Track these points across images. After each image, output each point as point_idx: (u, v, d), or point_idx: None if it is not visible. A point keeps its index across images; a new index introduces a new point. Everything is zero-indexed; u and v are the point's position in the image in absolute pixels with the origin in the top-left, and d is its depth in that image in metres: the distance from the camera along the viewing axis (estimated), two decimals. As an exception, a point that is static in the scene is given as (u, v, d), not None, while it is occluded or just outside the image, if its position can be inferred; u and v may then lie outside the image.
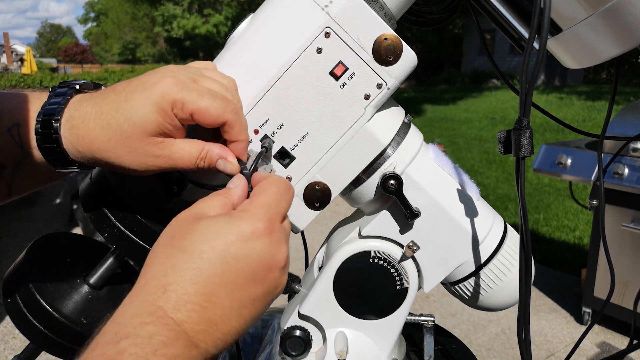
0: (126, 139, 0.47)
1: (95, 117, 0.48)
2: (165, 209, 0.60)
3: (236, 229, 0.41)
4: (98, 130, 0.48)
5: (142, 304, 0.39)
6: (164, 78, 0.48)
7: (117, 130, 0.47)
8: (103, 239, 0.56)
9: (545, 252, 3.90)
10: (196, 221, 0.42)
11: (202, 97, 0.47)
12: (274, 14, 0.55)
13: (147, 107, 0.46)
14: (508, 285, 0.65)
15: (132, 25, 38.98)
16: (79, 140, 0.48)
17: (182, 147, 0.49)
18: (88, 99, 0.50)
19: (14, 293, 0.55)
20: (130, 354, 0.35)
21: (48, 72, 19.17)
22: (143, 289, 0.40)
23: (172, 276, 0.40)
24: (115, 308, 0.62)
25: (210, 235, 0.41)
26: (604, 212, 2.40)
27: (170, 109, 0.47)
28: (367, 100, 0.56)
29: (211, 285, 0.40)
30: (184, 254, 0.41)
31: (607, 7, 0.50)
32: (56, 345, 0.54)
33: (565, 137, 7.63)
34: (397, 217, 0.62)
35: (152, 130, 0.47)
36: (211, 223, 0.42)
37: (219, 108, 0.47)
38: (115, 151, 0.48)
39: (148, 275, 0.41)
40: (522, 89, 0.46)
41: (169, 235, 0.43)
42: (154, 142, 0.48)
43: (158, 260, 0.41)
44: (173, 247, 0.42)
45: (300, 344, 0.64)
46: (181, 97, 0.47)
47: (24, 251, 0.57)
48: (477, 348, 2.72)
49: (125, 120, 0.47)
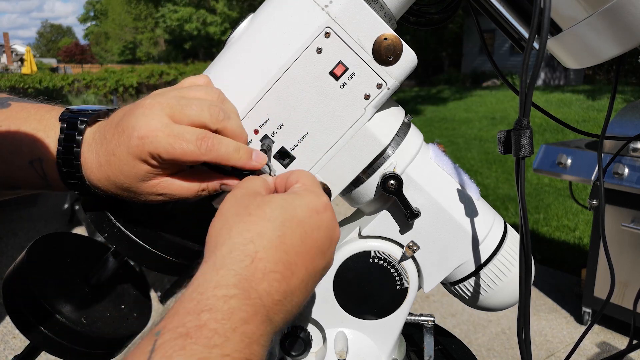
0: (126, 189, 0.50)
1: (97, 168, 0.50)
2: (165, 209, 0.60)
3: (308, 203, 0.45)
4: (104, 181, 0.50)
5: (226, 274, 0.38)
6: (139, 120, 0.47)
7: (116, 182, 0.50)
8: (103, 239, 0.57)
9: (545, 252, 3.90)
10: (266, 196, 0.45)
11: (175, 143, 0.47)
12: (274, 14, 0.55)
13: (130, 161, 0.48)
14: (508, 285, 0.65)
15: (133, 25, 38.98)
16: (92, 183, 0.51)
17: (181, 185, 0.51)
18: (91, 142, 0.51)
19: (14, 293, 0.55)
20: (210, 329, 0.34)
21: (48, 72, 19.16)
22: (228, 257, 0.40)
23: (258, 243, 0.41)
24: (115, 308, 0.62)
25: (288, 206, 0.43)
26: (604, 212, 2.40)
27: (152, 158, 0.48)
28: (367, 100, 0.56)
29: (293, 253, 0.42)
30: (268, 222, 0.42)
31: (607, 7, 0.50)
32: (56, 345, 0.54)
33: (565, 137, 7.63)
34: (397, 217, 0.62)
35: (143, 177, 0.49)
36: (282, 197, 0.44)
37: (194, 150, 0.47)
38: (123, 194, 0.51)
39: (229, 244, 0.41)
40: (522, 89, 0.46)
41: (242, 205, 0.44)
42: (151, 185, 0.50)
43: (237, 229, 0.42)
44: (252, 215, 0.42)
45: (300, 344, 0.64)
46: (154, 149, 0.47)
47: (24, 251, 0.57)
48: (477, 348, 2.72)
49: (120, 174, 0.49)
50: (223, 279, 0.38)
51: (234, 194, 0.46)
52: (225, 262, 0.39)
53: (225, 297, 0.37)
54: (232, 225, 0.42)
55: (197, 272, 0.40)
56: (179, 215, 0.61)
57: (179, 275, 0.58)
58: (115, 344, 0.58)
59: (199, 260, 0.58)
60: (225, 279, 0.38)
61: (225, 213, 0.44)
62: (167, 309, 0.38)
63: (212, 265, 0.40)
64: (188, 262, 0.57)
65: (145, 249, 0.54)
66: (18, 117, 0.53)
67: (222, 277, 0.38)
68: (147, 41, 38.93)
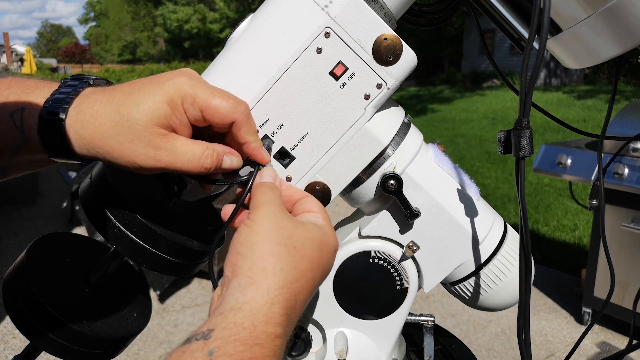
0: (132, 125, 0.47)
1: (105, 102, 0.48)
2: (165, 209, 0.60)
3: (334, 247, 0.50)
4: (106, 116, 0.48)
5: (277, 311, 0.42)
6: (179, 76, 0.49)
7: (125, 116, 0.47)
8: (103, 239, 0.56)
9: (545, 252, 3.90)
10: (304, 226, 0.48)
11: (213, 95, 0.48)
12: (274, 13, 0.55)
13: (157, 97, 0.47)
14: (508, 285, 0.65)
15: (132, 25, 38.98)
16: (83, 126, 0.48)
17: (185, 143, 0.49)
18: (100, 90, 0.50)
19: (14, 293, 0.55)
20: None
21: (48, 72, 19.17)
22: (280, 293, 0.43)
23: (301, 283, 0.45)
24: (115, 308, 0.62)
25: (322, 248, 0.48)
26: (604, 212, 2.39)
27: (181, 103, 0.48)
28: (367, 100, 0.56)
29: (312, 291, 0.48)
30: (309, 263, 0.46)
31: (607, 7, 0.50)
32: (56, 345, 0.54)
33: (565, 137, 7.63)
34: (397, 217, 0.62)
35: (158, 119, 0.47)
36: (317, 236, 0.48)
37: (228, 107, 0.48)
38: (118, 138, 0.48)
39: (281, 277, 0.44)
40: (522, 89, 0.46)
41: (286, 231, 0.46)
42: (158, 132, 0.48)
43: (287, 262, 0.45)
44: (297, 250, 0.46)
45: (300, 344, 0.64)
46: (193, 92, 0.48)
47: (24, 251, 0.57)
48: (477, 348, 2.72)
49: (135, 106, 0.47)
50: (274, 317, 0.41)
51: (270, 209, 0.47)
52: (278, 299, 0.42)
53: (273, 336, 0.41)
54: (282, 255, 0.45)
55: (237, 282, 0.43)
56: (179, 215, 0.61)
57: (179, 275, 0.58)
58: (115, 344, 0.58)
59: (199, 260, 0.58)
60: (275, 317, 0.41)
61: (267, 232, 0.46)
62: None
63: (265, 294, 0.42)
64: (188, 262, 0.57)
65: (145, 249, 0.54)
66: (17, 78, 0.53)
67: (273, 313, 0.41)
68: (147, 40, 38.93)
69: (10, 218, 4.79)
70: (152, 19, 34.06)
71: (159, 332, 2.87)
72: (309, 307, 0.64)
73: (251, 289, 0.42)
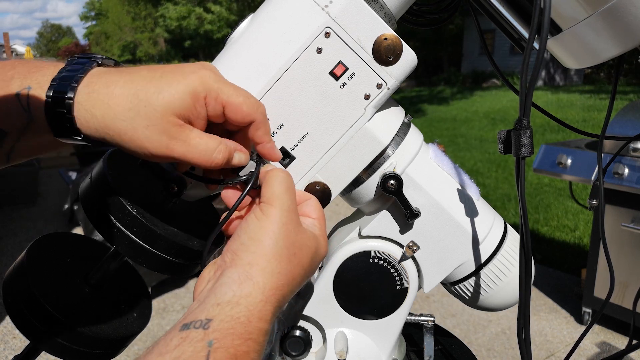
0: (149, 111, 0.46)
1: (122, 84, 0.47)
2: (165, 209, 0.60)
3: (323, 252, 0.52)
4: (122, 98, 0.47)
5: (269, 310, 0.45)
6: (204, 69, 0.49)
7: (144, 100, 0.46)
8: (103, 239, 0.56)
9: (545, 252, 3.90)
10: (304, 234, 0.50)
11: (237, 93, 0.49)
12: (274, 13, 0.55)
13: (181, 86, 0.47)
14: (508, 285, 0.65)
15: (132, 25, 38.99)
16: (96, 105, 0.47)
17: (200, 136, 0.49)
18: (115, 71, 0.49)
19: (14, 293, 0.55)
20: (252, 358, 0.42)
21: (48, 72, 19.09)
22: (274, 294, 0.45)
23: (291, 288, 0.48)
24: (115, 308, 0.62)
25: (314, 256, 0.51)
26: (604, 212, 2.40)
27: (204, 97, 0.47)
28: (367, 100, 0.56)
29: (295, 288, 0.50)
30: (302, 270, 0.49)
31: (607, 7, 0.50)
32: (56, 345, 0.54)
33: (565, 137, 7.63)
34: (397, 217, 0.62)
35: (178, 109, 0.47)
36: (314, 245, 0.50)
37: (251, 106, 0.49)
38: (133, 122, 0.47)
39: (277, 281, 0.46)
40: (522, 89, 0.46)
41: (291, 235, 0.48)
42: (175, 122, 0.47)
43: (285, 267, 0.47)
44: (297, 257, 0.48)
45: (300, 344, 0.64)
46: (217, 87, 0.48)
47: (24, 251, 0.57)
48: (477, 348, 2.72)
49: (156, 92, 0.46)
50: (266, 314, 0.44)
51: (284, 208, 0.48)
52: (271, 299, 0.45)
53: (264, 331, 0.44)
54: (282, 260, 0.46)
55: (235, 273, 0.45)
56: (179, 215, 0.61)
57: (179, 275, 0.58)
58: (115, 344, 0.58)
59: (199, 260, 0.58)
60: (267, 315, 0.44)
61: (275, 233, 0.47)
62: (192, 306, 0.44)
63: (261, 291, 0.44)
64: (188, 262, 0.57)
65: (145, 249, 0.54)
66: (23, 60, 0.52)
67: (266, 311, 0.44)
68: (147, 41, 38.94)
69: (10, 218, 4.79)
70: (152, 20, 34.06)
71: (159, 332, 2.87)
72: (309, 307, 0.64)
73: (248, 284, 0.44)
